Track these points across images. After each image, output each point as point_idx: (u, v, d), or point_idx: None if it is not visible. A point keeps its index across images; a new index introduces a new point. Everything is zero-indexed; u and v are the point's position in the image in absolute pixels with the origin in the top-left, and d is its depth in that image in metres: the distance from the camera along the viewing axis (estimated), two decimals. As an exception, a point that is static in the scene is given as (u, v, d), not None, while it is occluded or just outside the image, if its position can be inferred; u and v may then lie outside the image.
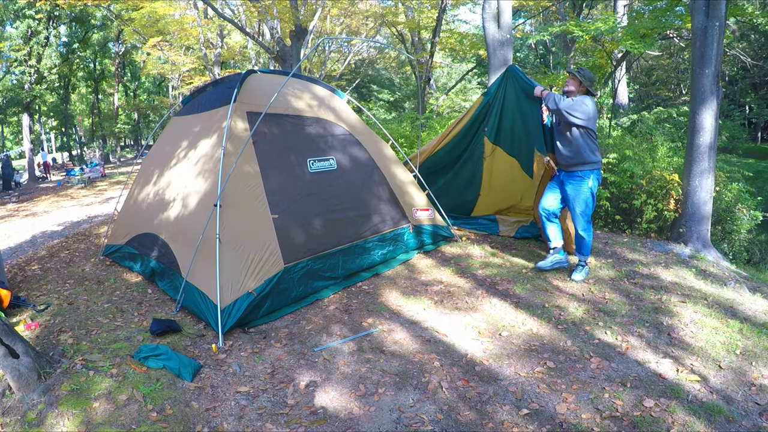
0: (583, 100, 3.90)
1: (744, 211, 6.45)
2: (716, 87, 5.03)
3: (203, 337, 3.23)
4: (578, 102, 3.89)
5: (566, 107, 3.90)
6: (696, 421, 2.38)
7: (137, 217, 4.49)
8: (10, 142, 37.75)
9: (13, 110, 23.63)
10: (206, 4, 10.78)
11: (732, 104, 23.32)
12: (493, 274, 4.31)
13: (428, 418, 2.43)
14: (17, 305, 3.66)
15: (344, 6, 13.79)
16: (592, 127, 3.96)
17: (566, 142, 4.04)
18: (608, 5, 16.92)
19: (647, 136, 8.43)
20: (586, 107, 3.90)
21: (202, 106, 4.30)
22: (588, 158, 4.00)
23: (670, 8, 7.99)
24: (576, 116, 3.87)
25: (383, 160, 4.68)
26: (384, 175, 4.59)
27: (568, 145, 4.03)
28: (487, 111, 5.01)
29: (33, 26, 18.12)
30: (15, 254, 5.68)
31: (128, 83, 33.08)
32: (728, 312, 3.57)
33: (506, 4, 5.98)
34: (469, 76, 20.45)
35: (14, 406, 2.40)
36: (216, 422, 2.40)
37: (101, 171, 17.32)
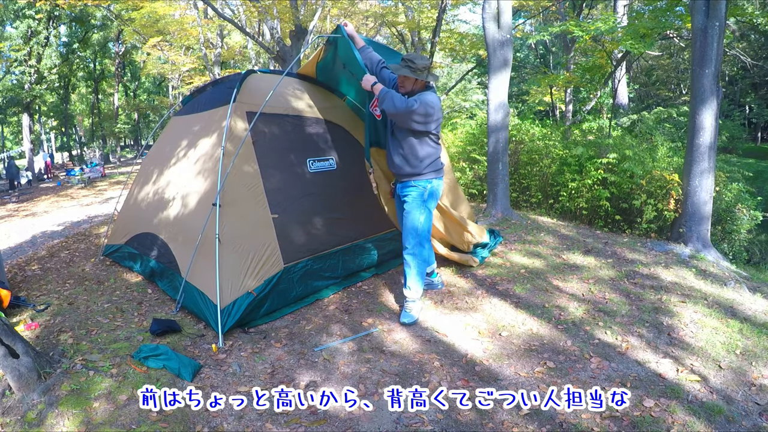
0: (426, 99, 3.21)
1: (744, 211, 6.46)
2: (716, 87, 5.03)
3: (203, 337, 3.23)
4: (423, 104, 3.19)
5: (409, 110, 3.15)
6: (696, 421, 2.38)
7: (137, 217, 4.49)
8: (10, 142, 37.74)
9: (13, 110, 23.62)
10: (206, 4, 10.78)
11: (732, 104, 23.34)
12: (493, 274, 4.31)
13: (428, 418, 2.43)
14: (17, 305, 3.66)
15: (344, 6, 13.79)
16: (434, 130, 3.34)
17: (398, 147, 3.37)
18: (608, 5, 16.92)
19: (647, 136, 8.43)
20: (431, 108, 3.23)
21: (202, 105, 4.30)
22: (422, 167, 3.35)
23: (670, 8, 8.00)
24: (420, 122, 3.24)
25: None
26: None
27: (400, 152, 3.37)
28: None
29: (33, 26, 18.13)
30: (15, 254, 5.68)
31: (128, 83, 33.07)
32: (728, 312, 3.57)
33: (506, 4, 5.98)
34: (469, 76, 20.45)
35: (14, 406, 2.40)
36: (216, 422, 2.40)
37: (101, 171, 17.31)
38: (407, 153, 3.34)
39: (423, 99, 3.23)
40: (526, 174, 7.66)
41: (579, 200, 6.69)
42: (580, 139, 8.17)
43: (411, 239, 3.41)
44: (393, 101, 3.16)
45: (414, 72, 3.28)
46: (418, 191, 3.40)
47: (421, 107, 3.19)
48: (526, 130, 7.95)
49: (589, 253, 4.88)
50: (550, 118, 14.32)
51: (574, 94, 14.96)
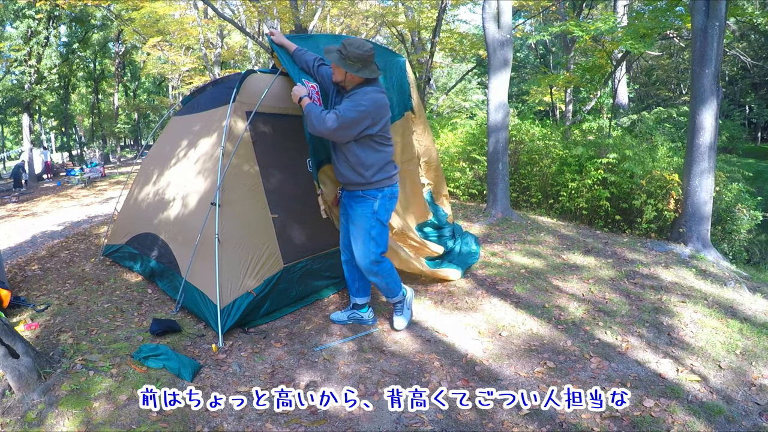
0: (360, 101, 2.80)
1: (744, 211, 6.46)
2: (716, 87, 5.03)
3: (203, 337, 3.23)
4: (351, 109, 2.77)
5: (329, 130, 2.77)
6: (696, 421, 2.38)
7: (137, 217, 4.49)
8: (10, 142, 37.74)
9: (13, 110, 23.62)
10: (206, 4, 10.78)
11: (732, 104, 23.35)
12: (493, 274, 4.31)
13: (428, 418, 2.43)
14: (17, 305, 3.65)
15: (344, 6, 13.78)
16: (380, 132, 2.92)
17: (342, 157, 3.01)
18: (608, 5, 16.92)
19: (647, 136, 8.44)
20: (364, 112, 2.78)
21: (202, 105, 4.30)
22: (370, 176, 2.97)
23: (670, 8, 7.99)
24: (353, 132, 2.82)
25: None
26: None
27: (345, 162, 3.00)
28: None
29: (33, 26, 18.11)
30: (15, 254, 5.68)
31: (128, 83, 33.06)
32: (728, 312, 3.57)
33: (506, 4, 5.98)
34: (469, 76, 20.45)
35: (14, 406, 2.40)
36: (216, 422, 2.40)
37: (101, 171, 17.29)
38: (353, 163, 2.95)
39: (349, 107, 2.78)
40: (526, 174, 7.66)
41: (579, 200, 6.69)
42: (580, 139, 8.18)
43: (366, 257, 3.04)
44: (312, 122, 2.82)
45: (344, 61, 2.83)
46: (367, 202, 3.03)
47: (344, 120, 2.75)
48: (526, 130, 7.95)
49: (589, 253, 4.88)
50: (550, 118, 14.32)
51: (574, 94, 14.95)
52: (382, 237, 3.11)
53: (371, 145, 2.94)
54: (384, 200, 3.07)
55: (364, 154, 2.93)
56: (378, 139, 2.95)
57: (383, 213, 3.08)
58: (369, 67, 2.89)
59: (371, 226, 3.04)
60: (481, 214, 6.34)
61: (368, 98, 2.84)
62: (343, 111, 2.79)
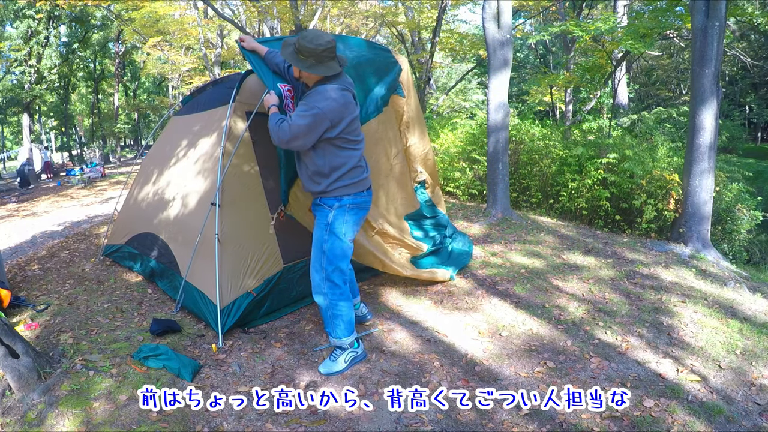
0: (314, 103, 2.54)
1: (744, 211, 6.46)
2: (716, 87, 5.03)
3: (203, 337, 3.23)
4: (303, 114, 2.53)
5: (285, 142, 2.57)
6: (696, 421, 2.38)
7: (137, 217, 4.49)
8: (10, 142, 37.75)
9: (13, 110, 23.64)
10: (206, 4, 10.78)
11: (732, 104, 23.35)
12: (493, 274, 4.31)
13: (428, 418, 2.43)
14: (17, 305, 3.65)
15: (344, 6, 13.79)
16: (342, 134, 2.62)
17: (302, 164, 2.79)
18: (608, 5, 16.92)
19: (647, 136, 8.44)
20: (319, 115, 2.51)
21: (202, 105, 4.30)
22: (328, 184, 2.68)
23: (670, 8, 7.99)
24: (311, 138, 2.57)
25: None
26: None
27: (304, 169, 2.77)
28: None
29: (33, 26, 18.13)
30: (15, 254, 5.68)
31: (128, 83, 33.07)
32: (728, 312, 3.58)
33: (506, 4, 5.98)
34: (469, 76, 20.45)
35: (14, 406, 2.40)
36: (216, 422, 2.40)
37: (101, 171, 17.29)
38: (311, 171, 2.71)
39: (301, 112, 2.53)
40: (526, 174, 7.66)
41: (579, 200, 6.69)
42: (580, 139, 8.17)
43: (318, 272, 2.78)
44: (271, 133, 2.61)
45: (295, 57, 2.59)
46: (322, 212, 2.77)
47: (296, 129, 2.51)
48: (526, 130, 7.95)
49: (589, 253, 4.88)
50: (550, 118, 14.32)
51: (574, 94, 14.96)
52: (335, 253, 2.73)
53: (331, 149, 2.64)
54: (341, 211, 2.72)
55: (322, 160, 2.65)
56: (339, 142, 2.63)
57: (339, 225, 2.73)
58: (325, 63, 2.57)
59: (323, 239, 2.75)
60: (481, 214, 6.34)
61: (324, 98, 2.55)
62: (295, 118, 2.53)
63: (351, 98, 2.69)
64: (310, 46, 2.52)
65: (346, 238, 2.78)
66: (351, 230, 2.80)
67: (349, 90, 2.69)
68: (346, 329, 2.82)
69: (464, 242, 4.65)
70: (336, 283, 2.77)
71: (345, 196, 2.72)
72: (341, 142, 2.65)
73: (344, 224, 2.75)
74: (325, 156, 2.65)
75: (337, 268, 2.77)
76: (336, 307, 2.78)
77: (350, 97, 2.69)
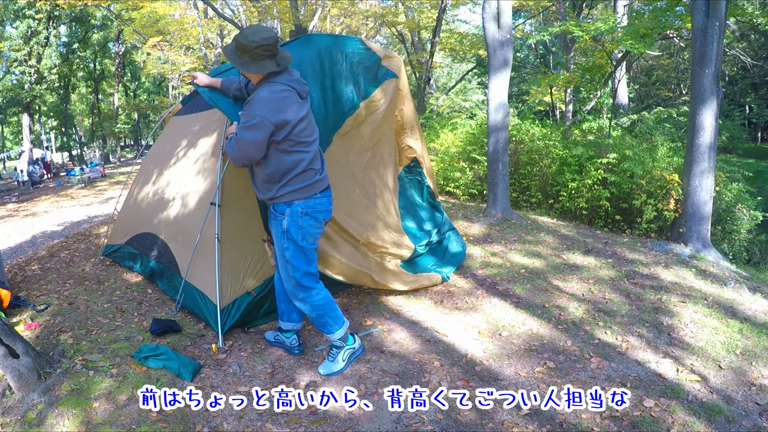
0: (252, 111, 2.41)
1: (744, 211, 6.46)
2: (716, 87, 5.03)
3: (203, 337, 3.23)
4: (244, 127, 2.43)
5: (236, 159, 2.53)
6: (696, 421, 2.39)
7: (137, 217, 4.49)
8: (10, 142, 37.76)
9: (13, 110, 23.66)
10: (206, 4, 10.78)
11: (732, 104, 23.36)
12: (493, 274, 4.31)
13: (428, 418, 2.43)
14: (17, 305, 3.65)
15: (344, 6, 13.79)
16: (289, 136, 2.47)
17: (252, 170, 2.68)
18: (608, 5, 16.93)
19: (647, 136, 8.44)
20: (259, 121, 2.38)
21: (202, 105, 4.29)
22: (277, 189, 2.56)
23: (670, 8, 8.00)
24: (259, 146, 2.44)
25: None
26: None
27: (254, 175, 2.67)
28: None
29: (33, 26, 18.14)
30: (15, 254, 5.68)
31: (128, 83, 33.07)
32: (728, 312, 3.58)
33: (506, 4, 5.98)
34: (469, 76, 20.45)
35: (14, 406, 2.40)
36: (216, 422, 2.40)
37: (101, 171, 17.30)
38: (262, 179, 2.60)
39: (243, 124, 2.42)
40: (526, 174, 7.66)
41: (579, 200, 6.69)
42: (580, 139, 8.18)
43: (290, 279, 2.71)
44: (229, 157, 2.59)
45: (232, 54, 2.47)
46: (276, 220, 2.64)
47: (243, 146, 2.43)
48: (526, 130, 7.95)
49: (589, 253, 4.88)
50: (550, 118, 14.32)
51: (574, 94, 14.96)
52: (299, 260, 2.65)
53: (277, 154, 2.49)
54: (294, 217, 2.58)
55: (271, 166, 2.52)
56: (286, 144, 2.48)
57: (295, 232, 2.60)
58: (258, 61, 2.43)
59: (284, 247, 2.65)
60: (481, 214, 6.34)
61: (262, 104, 2.41)
62: (240, 133, 2.44)
63: (295, 97, 2.51)
64: (243, 42, 2.40)
65: (307, 243, 2.66)
66: (310, 235, 2.67)
67: (292, 88, 2.50)
68: (336, 321, 2.78)
69: (459, 242, 4.66)
70: (308, 286, 2.71)
71: (295, 201, 2.58)
72: (289, 144, 2.50)
73: (299, 230, 2.61)
74: (270, 162, 2.51)
75: (305, 272, 2.69)
76: (318, 307, 2.73)
77: (294, 96, 2.50)
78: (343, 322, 2.83)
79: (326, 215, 2.74)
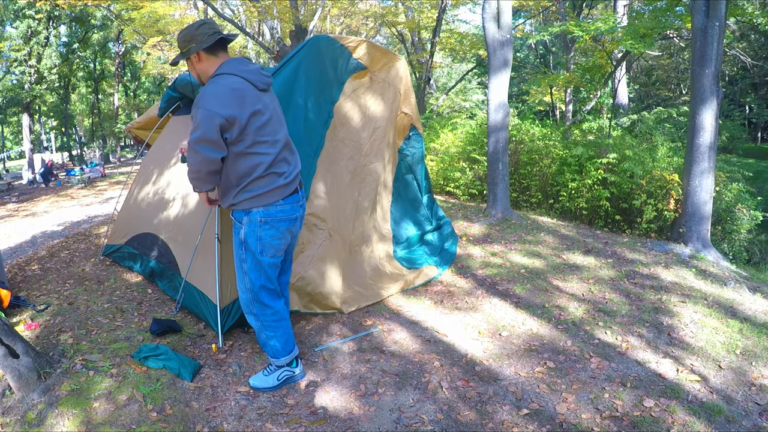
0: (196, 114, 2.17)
1: (744, 211, 6.46)
2: (716, 87, 5.03)
3: (203, 337, 3.23)
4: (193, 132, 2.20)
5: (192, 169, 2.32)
6: (696, 421, 2.38)
7: (137, 217, 4.49)
8: (10, 142, 37.77)
9: (13, 110, 23.66)
10: (206, 4, 10.78)
11: (732, 104, 23.36)
12: (493, 274, 4.31)
13: (428, 418, 2.43)
14: (17, 305, 3.65)
15: (344, 6, 13.79)
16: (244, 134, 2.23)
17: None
18: (608, 5, 16.93)
19: (647, 136, 8.45)
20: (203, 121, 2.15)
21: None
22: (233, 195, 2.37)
23: (670, 8, 8.00)
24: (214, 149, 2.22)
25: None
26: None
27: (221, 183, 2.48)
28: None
29: (33, 26, 18.14)
30: (15, 254, 5.68)
31: (128, 83, 33.07)
32: (728, 312, 3.58)
33: (506, 5, 5.98)
34: (469, 76, 20.46)
35: (14, 406, 2.40)
36: (216, 422, 2.40)
37: (101, 171, 17.31)
38: (223, 182, 2.40)
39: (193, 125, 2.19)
40: (526, 174, 7.66)
41: (579, 200, 6.69)
42: (580, 139, 8.18)
43: (240, 294, 2.55)
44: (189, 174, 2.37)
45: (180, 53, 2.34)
46: (234, 228, 2.46)
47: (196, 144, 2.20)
48: (526, 130, 7.95)
49: (589, 253, 4.88)
50: (550, 118, 14.33)
51: (574, 94, 14.96)
52: (257, 273, 2.44)
53: (231, 157, 2.29)
54: (252, 226, 2.37)
55: (228, 169, 2.32)
56: (241, 145, 2.25)
57: (253, 242, 2.39)
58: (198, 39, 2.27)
59: (241, 258, 2.45)
60: (481, 214, 6.34)
61: (209, 96, 2.17)
62: (190, 136, 2.20)
63: (250, 89, 2.26)
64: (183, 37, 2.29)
65: (266, 255, 2.42)
66: (271, 246, 2.42)
67: (246, 80, 2.25)
68: (282, 349, 2.58)
69: (453, 240, 4.71)
70: (265, 303, 2.49)
71: (254, 208, 2.35)
72: (245, 145, 2.25)
73: (258, 241, 2.39)
74: (230, 163, 2.30)
75: (262, 287, 2.47)
76: (268, 328, 2.53)
77: (248, 88, 2.25)
78: (290, 351, 2.63)
79: (291, 224, 2.46)
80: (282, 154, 2.39)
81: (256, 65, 2.39)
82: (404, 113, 4.19)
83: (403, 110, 4.17)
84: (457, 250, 4.84)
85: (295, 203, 2.46)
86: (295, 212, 2.47)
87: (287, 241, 2.51)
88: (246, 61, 2.35)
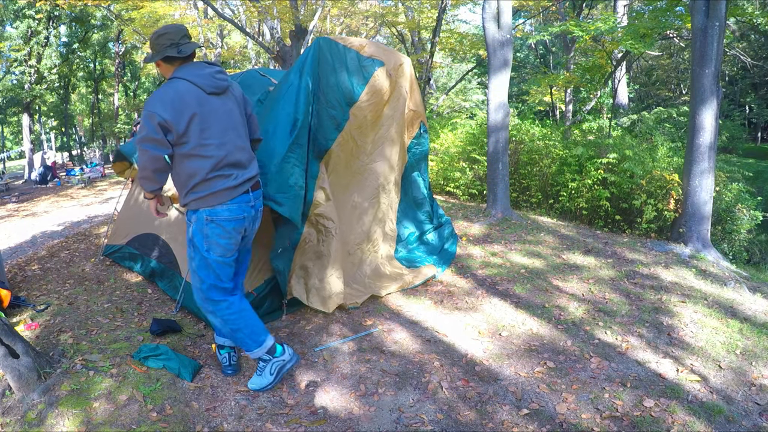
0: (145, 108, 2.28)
1: (744, 211, 6.46)
2: (716, 87, 5.03)
3: (203, 337, 3.23)
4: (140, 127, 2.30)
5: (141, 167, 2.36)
6: (696, 421, 2.38)
7: (137, 217, 4.49)
8: (10, 142, 37.75)
9: (13, 110, 23.64)
10: (206, 4, 10.78)
11: (732, 104, 23.34)
12: (493, 274, 4.31)
13: (428, 418, 2.43)
14: (17, 305, 3.65)
15: (344, 6, 13.79)
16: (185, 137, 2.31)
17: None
18: (608, 5, 16.93)
19: (647, 136, 8.45)
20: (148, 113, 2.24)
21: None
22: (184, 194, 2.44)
23: (670, 8, 8.00)
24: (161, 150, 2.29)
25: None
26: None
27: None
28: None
29: (33, 26, 18.12)
30: (15, 254, 5.68)
31: (128, 83, 33.05)
32: (728, 312, 3.57)
33: (506, 4, 5.98)
34: (469, 76, 20.45)
35: (14, 406, 2.40)
36: (216, 422, 2.40)
37: (101, 171, 17.30)
38: (175, 182, 2.47)
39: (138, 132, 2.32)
40: (526, 174, 7.66)
41: (579, 200, 6.69)
42: (580, 139, 8.18)
43: (194, 294, 2.59)
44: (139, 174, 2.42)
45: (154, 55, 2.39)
46: (186, 227, 2.52)
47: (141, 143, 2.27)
48: (526, 130, 7.95)
49: (589, 253, 4.88)
50: (550, 118, 14.33)
51: (574, 94, 14.96)
52: (205, 271, 2.47)
53: (177, 158, 2.35)
54: (200, 225, 2.42)
55: (176, 169, 2.40)
56: (183, 148, 2.31)
57: (200, 241, 2.43)
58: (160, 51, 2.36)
59: (190, 256, 2.51)
60: (481, 214, 6.34)
61: (155, 99, 2.27)
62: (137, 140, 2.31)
63: (195, 91, 2.32)
64: (151, 40, 2.39)
65: (213, 253, 2.45)
66: (218, 245, 2.45)
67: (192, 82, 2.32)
68: (253, 340, 2.54)
69: (453, 240, 4.72)
70: (216, 299, 2.51)
71: (202, 208, 2.41)
72: (187, 148, 2.31)
73: (204, 239, 2.43)
74: (176, 164, 2.37)
75: (211, 285, 2.49)
76: (230, 322, 2.52)
77: (193, 91, 2.31)
78: (263, 340, 2.57)
79: (237, 224, 2.47)
80: (231, 157, 2.42)
81: (211, 69, 2.43)
82: (412, 110, 4.20)
83: (410, 107, 4.18)
84: (457, 250, 4.84)
85: (243, 203, 2.49)
86: (242, 212, 2.49)
87: (236, 241, 2.52)
88: (201, 66, 2.41)
